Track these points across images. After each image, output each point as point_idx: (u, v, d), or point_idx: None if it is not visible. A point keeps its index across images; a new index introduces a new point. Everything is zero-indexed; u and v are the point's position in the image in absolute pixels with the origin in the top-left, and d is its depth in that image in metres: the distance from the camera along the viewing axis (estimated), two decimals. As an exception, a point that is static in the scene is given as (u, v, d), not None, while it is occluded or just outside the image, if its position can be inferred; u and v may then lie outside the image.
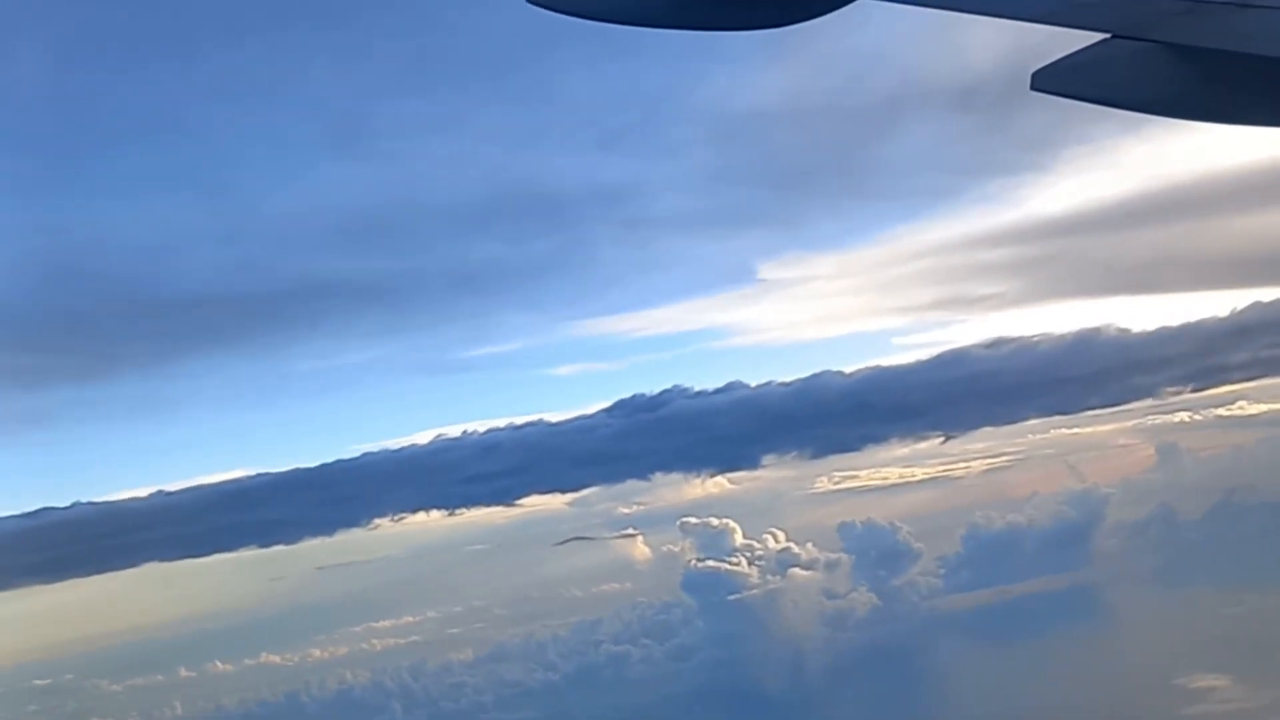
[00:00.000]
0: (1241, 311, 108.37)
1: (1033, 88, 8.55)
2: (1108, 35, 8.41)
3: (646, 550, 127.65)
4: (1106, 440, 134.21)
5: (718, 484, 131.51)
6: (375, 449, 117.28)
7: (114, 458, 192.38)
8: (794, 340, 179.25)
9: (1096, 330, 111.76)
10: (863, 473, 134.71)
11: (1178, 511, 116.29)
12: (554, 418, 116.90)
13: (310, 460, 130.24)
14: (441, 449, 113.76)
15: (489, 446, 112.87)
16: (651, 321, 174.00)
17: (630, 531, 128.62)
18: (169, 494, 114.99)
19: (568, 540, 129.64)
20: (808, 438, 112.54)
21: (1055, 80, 8.51)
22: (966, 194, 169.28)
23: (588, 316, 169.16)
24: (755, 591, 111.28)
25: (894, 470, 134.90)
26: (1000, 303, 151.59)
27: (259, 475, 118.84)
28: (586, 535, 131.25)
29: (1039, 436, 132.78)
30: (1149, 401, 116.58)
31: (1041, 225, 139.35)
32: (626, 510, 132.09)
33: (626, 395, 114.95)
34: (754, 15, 10.15)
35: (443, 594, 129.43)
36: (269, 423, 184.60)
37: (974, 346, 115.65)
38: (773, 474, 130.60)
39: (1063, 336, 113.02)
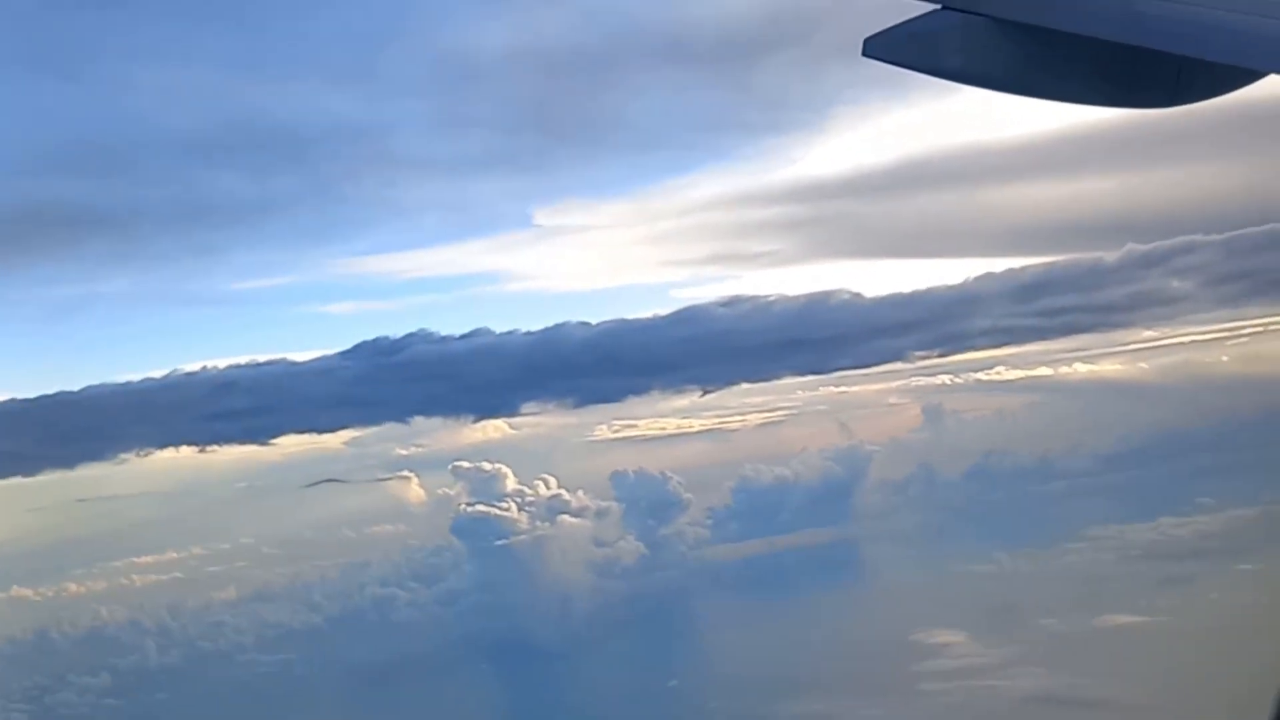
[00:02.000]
0: (976, 280, 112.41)
1: (864, 54, 8.51)
2: (938, 6, 8.40)
3: (421, 493, 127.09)
4: (877, 399, 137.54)
5: (497, 428, 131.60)
6: (110, 382, 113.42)
7: None
8: (572, 289, 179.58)
9: (835, 293, 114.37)
10: (641, 422, 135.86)
11: (938, 471, 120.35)
12: (298, 357, 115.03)
13: (38, 391, 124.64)
14: (180, 384, 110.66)
15: (229, 384, 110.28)
16: (426, 262, 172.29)
17: (405, 474, 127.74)
18: None
19: (327, 481, 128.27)
20: (566, 388, 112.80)
21: (886, 48, 8.49)
22: (738, 151, 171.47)
23: (355, 255, 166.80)
24: (524, 537, 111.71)
25: (672, 421, 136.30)
26: (776, 260, 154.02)
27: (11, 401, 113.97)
28: (344, 479, 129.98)
29: (811, 393, 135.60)
30: (899, 364, 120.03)
31: (813, 186, 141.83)
32: (404, 452, 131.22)
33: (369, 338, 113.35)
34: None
35: (210, 531, 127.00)
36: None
37: (712, 304, 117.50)
38: (552, 420, 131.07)
39: (809, 296, 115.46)
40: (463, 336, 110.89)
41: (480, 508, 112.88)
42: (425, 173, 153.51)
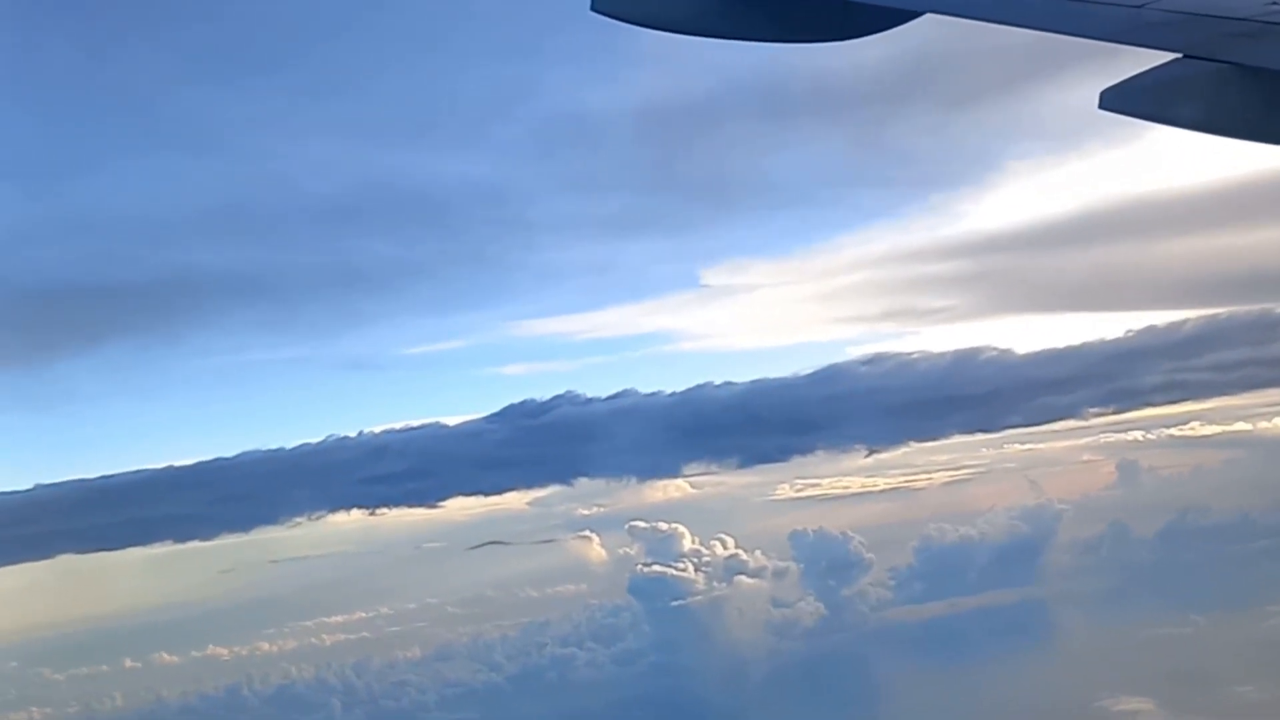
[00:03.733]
0: (1137, 334, 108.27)
1: (1100, 107, 8.50)
2: (1178, 55, 8.28)
3: (602, 552, 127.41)
4: (1067, 456, 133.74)
5: (678, 488, 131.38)
6: (264, 448, 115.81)
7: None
8: (746, 347, 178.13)
9: (982, 349, 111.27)
10: (824, 481, 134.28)
11: (1132, 530, 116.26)
12: (449, 420, 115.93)
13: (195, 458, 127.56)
14: (335, 449, 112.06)
15: (382, 448, 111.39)
16: (596, 324, 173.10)
17: (585, 533, 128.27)
18: (50, 486, 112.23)
19: (492, 543, 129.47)
20: (727, 447, 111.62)
21: (1123, 100, 8.47)
22: (904, 206, 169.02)
23: (526, 318, 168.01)
24: (700, 597, 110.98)
25: (855, 480, 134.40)
26: (951, 316, 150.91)
27: (144, 471, 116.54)
28: (511, 540, 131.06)
29: (998, 450, 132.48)
30: (1073, 422, 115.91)
31: (983, 240, 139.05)
32: (586, 512, 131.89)
33: (516, 400, 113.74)
34: (813, 30, 10.50)
35: (395, 591, 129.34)
36: (150, 419, 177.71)
37: (853, 362, 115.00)
38: (734, 480, 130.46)
39: (955, 353, 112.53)
40: (609, 398, 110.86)
41: (657, 567, 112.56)
42: (571, 235, 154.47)
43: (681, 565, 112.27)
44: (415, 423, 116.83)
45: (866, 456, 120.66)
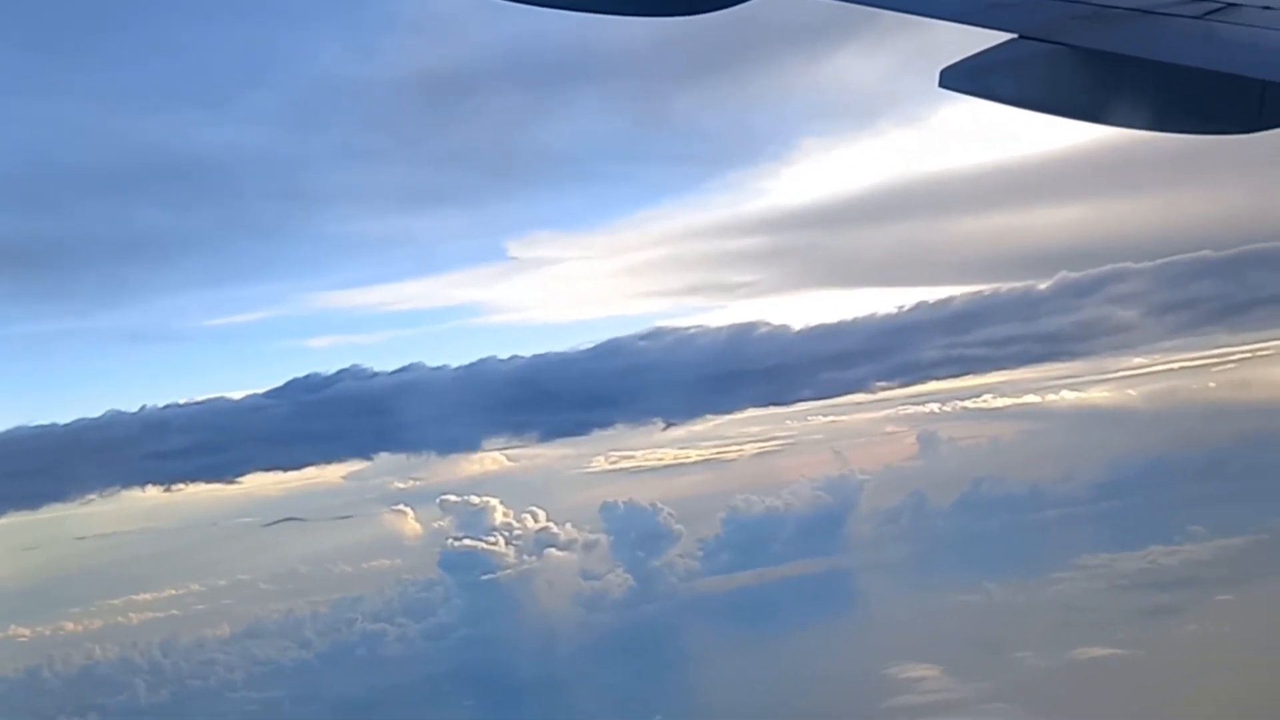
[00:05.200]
0: (909, 310, 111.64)
1: (940, 85, 8.51)
2: (1015, 36, 8.35)
3: (416, 527, 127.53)
4: (871, 428, 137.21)
5: (495, 461, 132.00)
6: (41, 423, 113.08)
7: None
8: (552, 320, 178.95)
9: (758, 324, 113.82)
10: (639, 453, 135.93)
11: (930, 499, 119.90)
12: (235, 395, 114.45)
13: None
14: (116, 423, 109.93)
15: (164, 423, 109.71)
16: (402, 296, 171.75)
17: (400, 508, 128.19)
18: None
19: (288, 519, 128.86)
20: (525, 422, 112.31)
21: (963, 79, 8.51)
22: (704, 182, 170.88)
23: (327, 289, 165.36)
24: (510, 571, 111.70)
25: (669, 452, 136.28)
26: (757, 290, 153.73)
27: None
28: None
29: (805, 423, 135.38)
30: (861, 395, 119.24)
31: (783, 216, 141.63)
32: (401, 485, 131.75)
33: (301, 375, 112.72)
34: (660, 5, 10.12)
35: (207, 566, 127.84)
36: None
37: (633, 337, 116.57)
38: (551, 452, 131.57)
39: (731, 328, 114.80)
40: (394, 372, 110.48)
41: (468, 542, 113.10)
42: (356, 206, 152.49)
43: (492, 539, 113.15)
44: (199, 397, 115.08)
45: (664, 429, 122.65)
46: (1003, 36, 8.48)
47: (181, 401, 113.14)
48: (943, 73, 8.58)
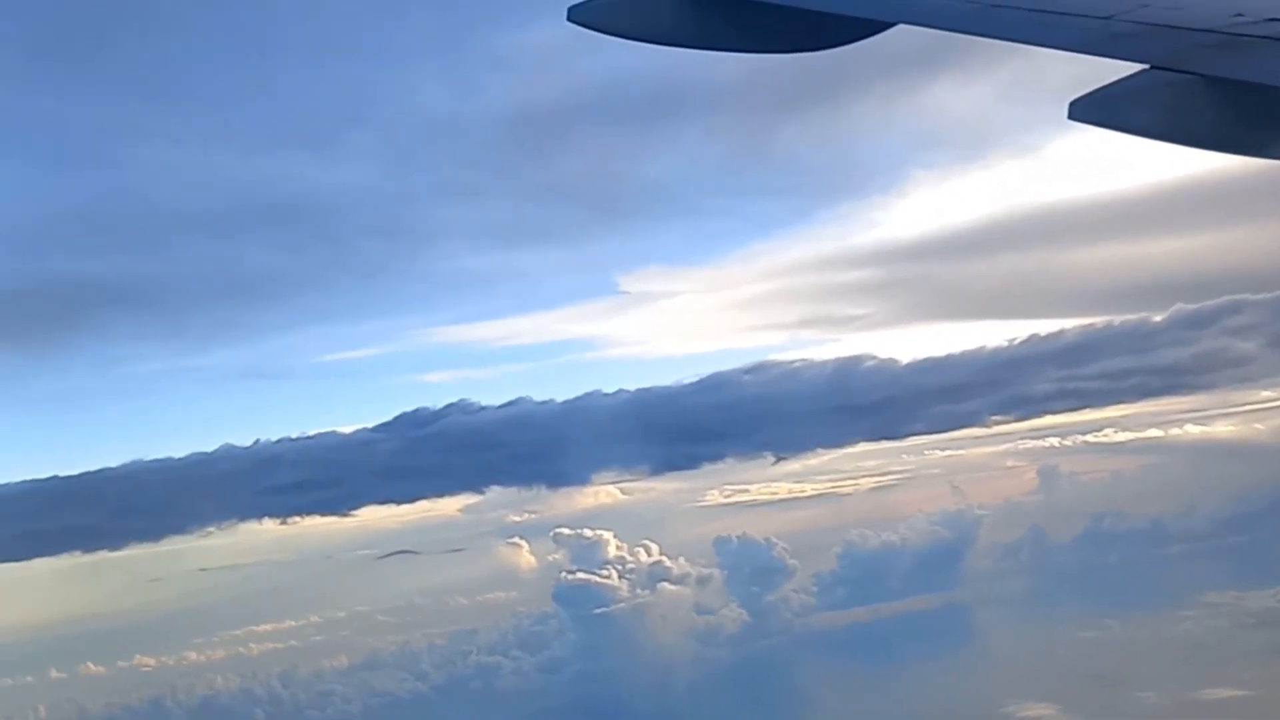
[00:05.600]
0: (1021, 343, 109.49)
1: (1070, 117, 8.44)
2: (1145, 66, 8.35)
3: (531, 560, 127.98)
4: (990, 462, 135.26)
5: (610, 494, 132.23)
6: (155, 457, 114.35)
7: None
8: (665, 354, 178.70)
9: (863, 358, 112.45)
10: (753, 487, 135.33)
11: (1051, 534, 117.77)
12: (345, 430, 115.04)
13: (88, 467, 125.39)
14: (230, 457, 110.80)
15: (275, 458, 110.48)
16: (516, 330, 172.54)
17: (516, 540, 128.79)
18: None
19: (400, 552, 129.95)
20: (636, 455, 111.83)
21: (1092, 110, 8.41)
22: (814, 214, 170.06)
23: (443, 324, 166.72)
24: (623, 605, 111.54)
25: (784, 485, 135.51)
26: (870, 323, 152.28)
27: (30, 482, 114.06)
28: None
29: (922, 456, 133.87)
30: (976, 430, 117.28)
31: (895, 248, 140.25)
32: (517, 518, 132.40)
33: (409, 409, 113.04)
34: (786, 41, 10.61)
35: (326, 598, 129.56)
36: (43, 426, 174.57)
37: (737, 371, 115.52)
38: (666, 485, 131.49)
39: (836, 362, 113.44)
40: (501, 406, 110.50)
41: (581, 575, 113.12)
42: (461, 243, 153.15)
43: (605, 572, 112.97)
44: (310, 432, 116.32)
45: (775, 463, 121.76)
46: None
47: (294, 436, 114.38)
48: (1072, 104, 8.45)
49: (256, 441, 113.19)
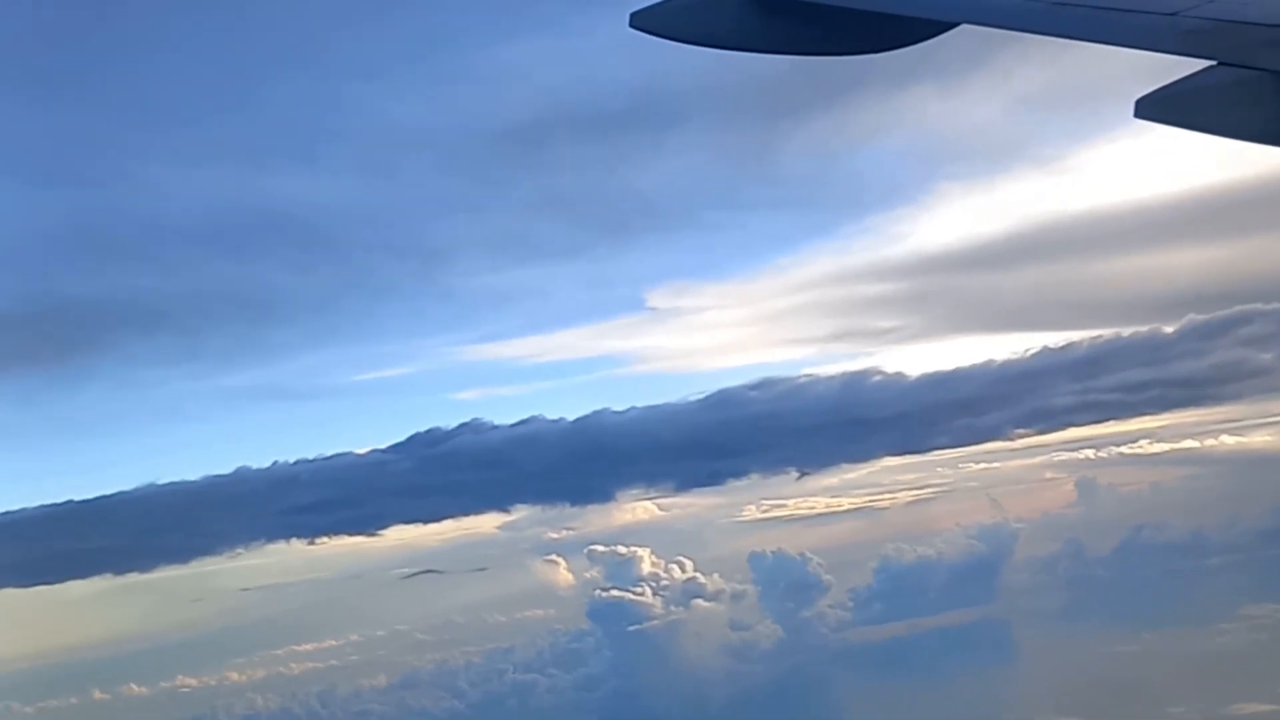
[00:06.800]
0: (1034, 355, 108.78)
1: (1136, 115, 8.52)
2: (1213, 63, 8.36)
3: (569, 576, 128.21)
4: (1024, 475, 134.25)
5: (646, 510, 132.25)
6: (176, 480, 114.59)
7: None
8: (697, 369, 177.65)
9: (870, 372, 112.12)
10: (790, 502, 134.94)
11: (1088, 547, 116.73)
12: (360, 450, 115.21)
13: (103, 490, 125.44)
14: (247, 480, 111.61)
15: (292, 478, 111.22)
16: (547, 348, 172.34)
17: (553, 558, 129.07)
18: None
19: (425, 572, 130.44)
20: (659, 472, 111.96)
21: (1159, 109, 8.46)
22: (840, 228, 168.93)
23: (473, 343, 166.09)
24: (657, 622, 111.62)
25: (820, 500, 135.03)
26: (900, 337, 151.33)
27: (46, 506, 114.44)
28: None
29: (957, 470, 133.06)
30: (1001, 443, 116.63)
31: (925, 260, 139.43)
32: (555, 535, 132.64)
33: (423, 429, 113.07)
34: (850, 42, 10.75)
35: (365, 617, 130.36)
36: (58, 451, 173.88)
37: (742, 388, 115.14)
38: (702, 501, 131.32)
39: (844, 377, 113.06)
40: (514, 425, 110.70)
41: (615, 592, 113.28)
42: (474, 261, 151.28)
43: (639, 589, 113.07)
44: (327, 453, 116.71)
45: (799, 478, 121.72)
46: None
47: (310, 457, 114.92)
48: (1138, 103, 8.49)
49: (274, 463, 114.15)
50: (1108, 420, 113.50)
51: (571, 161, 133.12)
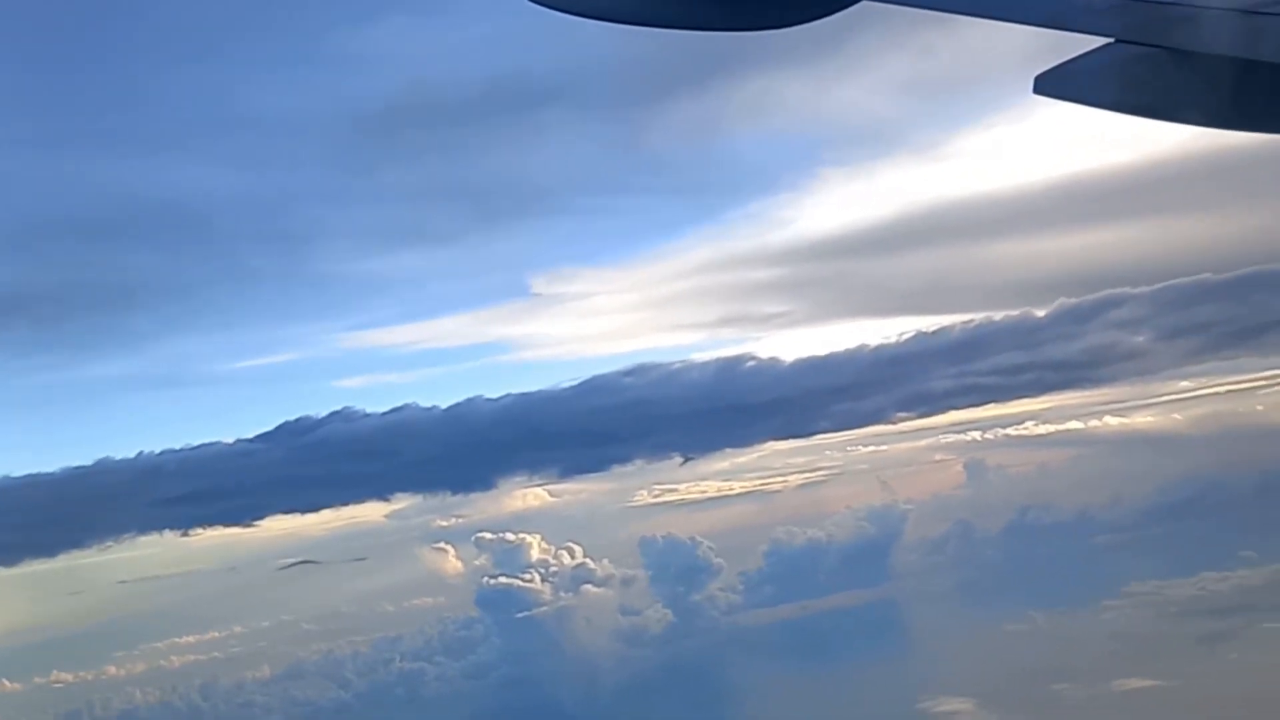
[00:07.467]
0: (908, 340, 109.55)
1: (1035, 91, 8.47)
2: (1110, 40, 8.33)
3: (458, 564, 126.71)
4: (912, 457, 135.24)
5: (537, 496, 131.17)
6: (32, 472, 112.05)
7: None
8: (585, 355, 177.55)
9: (743, 358, 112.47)
10: (682, 487, 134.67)
11: (976, 528, 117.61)
12: (228, 440, 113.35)
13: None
14: (112, 470, 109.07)
15: (157, 468, 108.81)
16: (431, 334, 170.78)
17: (440, 545, 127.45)
18: None
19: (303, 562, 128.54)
20: (542, 459, 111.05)
21: (1059, 85, 8.44)
22: (723, 213, 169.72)
23: (355, 329, 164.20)
24: (546, 608, 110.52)
25: (712, 484, 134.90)
26: (787, 321, 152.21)
27: None
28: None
29: (848, 453, 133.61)
30: (883, 427, 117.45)
31: (809, 246, 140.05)
32: (444, 523, 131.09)
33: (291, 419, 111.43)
34: (756, 16, 10.21)
35: (249, 609, 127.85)
36: None
37: (617, 374, 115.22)
38: (595, 487, 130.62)
39: (717, 362, 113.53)
40: (385, 413, 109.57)
41: (503, 579, 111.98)
42: (347, 247, 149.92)
43: (528, 576, 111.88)
44: (194, 443, 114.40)
45: (682, 464, 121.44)
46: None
47: (177, 447, 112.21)
48: (1037, 79, 8.50)
49: (139, 454, 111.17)
50: (988, 403, 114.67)
51: (434, 145, 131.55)
